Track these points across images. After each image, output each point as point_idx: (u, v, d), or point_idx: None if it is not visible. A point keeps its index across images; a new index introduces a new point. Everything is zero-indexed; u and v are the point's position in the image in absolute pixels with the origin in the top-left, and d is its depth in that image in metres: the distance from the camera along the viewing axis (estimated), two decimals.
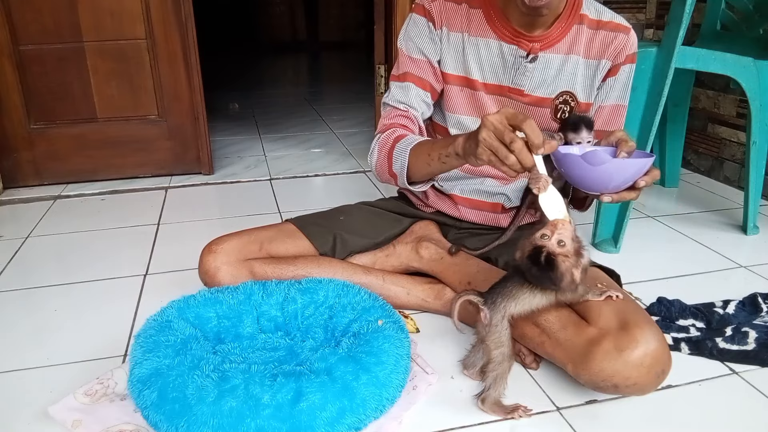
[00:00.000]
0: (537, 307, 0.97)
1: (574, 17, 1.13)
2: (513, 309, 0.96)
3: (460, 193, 1.29)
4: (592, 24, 1.14)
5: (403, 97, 1.19)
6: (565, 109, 1.17)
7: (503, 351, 0.96)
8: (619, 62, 1.16)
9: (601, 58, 1.15)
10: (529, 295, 0.95)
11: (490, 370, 0.97)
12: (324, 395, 0.88)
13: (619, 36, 1.14)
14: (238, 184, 2.24)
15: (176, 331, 1.02)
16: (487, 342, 0.97)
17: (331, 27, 6.53)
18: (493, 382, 0.97)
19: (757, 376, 1.08)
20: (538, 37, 1.13)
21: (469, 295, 0.98)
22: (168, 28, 2.11)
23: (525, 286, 0.95)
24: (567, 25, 1.13)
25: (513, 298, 0.95)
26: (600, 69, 1.16)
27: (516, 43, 1.14)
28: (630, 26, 1.17)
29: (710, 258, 1.56)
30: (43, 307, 1.36)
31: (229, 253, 1.21)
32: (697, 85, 2.16)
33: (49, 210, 1.97)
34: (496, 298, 0.96)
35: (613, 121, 1.20)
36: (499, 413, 0.97)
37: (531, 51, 1.13)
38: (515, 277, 0.97)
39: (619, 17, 1.16)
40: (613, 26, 1.14)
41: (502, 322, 0.96)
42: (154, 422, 0.89)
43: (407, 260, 1.30)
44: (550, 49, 1.14)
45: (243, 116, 3.40)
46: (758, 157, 1.67)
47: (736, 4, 1.84)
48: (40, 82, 2.08)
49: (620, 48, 1.15)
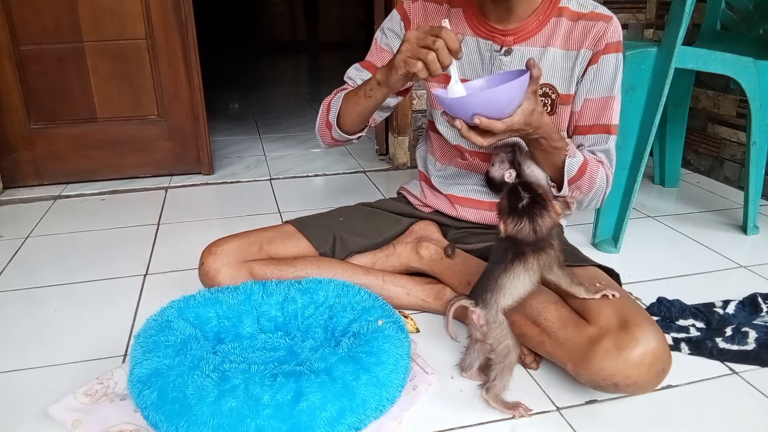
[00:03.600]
0: (525, 292, 0.96)
1: (552, 10, 1.12)
2: (504, 301, 0.95)
3: (457, 192, 1.29)
4: (573, 16, 1.13)
5: (354, 75, 1.26)
6: (546, 102, 1.15)
7: (507, 344, 0.96)
8: (599, 50, 1.11)
9: (581, 48, 1.12)
10: (514, 280, 0.95)
11: (497, 363, 0.97)
12: (324, 395, 0.88)
13: (598, 24, 1.11)
14: (238, 184, 2.24)
15: (176, 331, 1.02)
16: (488, 341, 0.97)
17: (331, 27, 6.52)
18: (499, 374, 0.97)
19: (757, 376, 1.08)
20: (512, 30, 1.13)
21: (460, 301, 0.98)
22: (168, 28, 2.11)
23: (508, 271, 0.95)
24: (545, 18, 1.12)
25: (500, 290, 0.95)
26: (580, 59, 1.13)
27: (491, 38, 1.15)
28: (612, 15, 1.13)
29: (710, 258, 1.56)
30: (43, 307, 1.36)
31: (229, 254, 1.22)
32: (697, 85, 2.16)
33: (49, 210, 1.97)
34: (485, 294, 0.96)
35: (604, 114, 1.15)
36: (501, 407, 0.98)
37: (504, 44, 1.13)
38: (495, 268, 0.96)
39: (602, 7, 1.13)
40: (593, 15, 1.12)
41: (498, 317, 0.96)
42: (154, 422, 0.89)
43: (407, 260, 1.30)
44: (526, 42, 1.13)
45: (243, 116, 3.40)
46: (758, 157, 1.67)
47: (736, 4, 1.84)
48: (40, 82, 2.09)
49: (599, 35, 1.11)
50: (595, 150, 1.17)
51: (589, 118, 1.16)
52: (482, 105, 0.92)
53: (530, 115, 0.96)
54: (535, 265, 0.95)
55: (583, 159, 1.10)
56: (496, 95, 0.92)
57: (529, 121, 0.97)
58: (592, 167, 1.12)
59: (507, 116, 0.95)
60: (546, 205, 0.93)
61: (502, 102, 0.93)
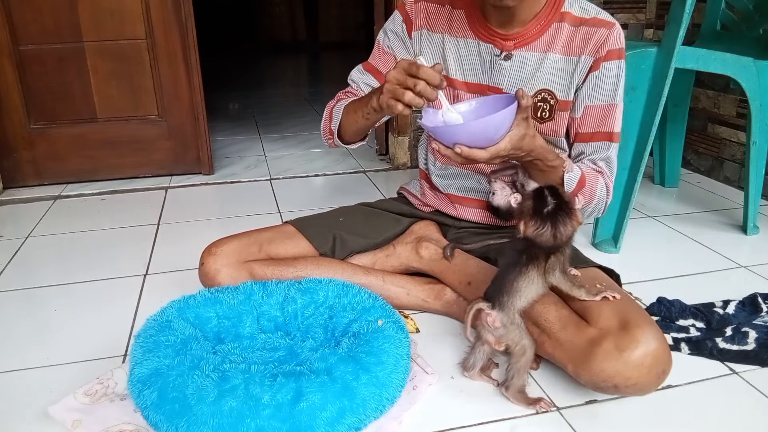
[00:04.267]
0: (538, 295, 0.97)
1: (554, 15, 1.11)
2: (519, 303, 0.96)
3: (457, 192, 1.29)
4: (576, 21, 1.11)
5: (357, 78, 1.28)
6: (544, 107, 1.15)
7: (523, 344, 0.97)
8: (600, 56, 1.10)
9: (581, 54, 1.11)
10: (529, 284, 0.96)
11: (513, 362, 0.98)
12: (324, 395, 0.88)
13: (599, 30, 1.10)
14: (238, 184, 2.24)
15: (176, 331, 1.02)
16: (505, 342, 0.98)
17: (331, 27, 6.52)
18: (516, 372, 0.98)
19: (757, 376, 1.08)
20: (513, 35, 1.12)
21: (479, 304, 0.99)
22: (168, 28, 2.11)
23: (523, 274, 0.95)
24: (546, 23, 1.12)
25: (516, 292, 0.96)
26: (580, 65, 1.11)
27: (491, 42, 1.14)
28: (615, 21, 1.12)
29: (710, 258, 1.56)
30: (43, 307, 1.36)
31: (228, 255, 1.22)
32: (697, 85, 2.16)
33: (49, 210, 1.97)
34: (501, 297, 0.97)
35: (606, 122, 1.14)
36: (522, 402, 0.99)
37: (504, 49, 1.13)
38: (510, 270, 0.97)
39: (604, 13, 1.12)
40: (595, 21, 1.10)
41: (515, 319, 0.97)
42: (154, 422, 0.89)
43: (407, 260, 1.30)
44: (526, 47, 1.13)
45: (243, 116, 3.40)
46: (758, 157, 1.67)
47: (736, 4, 1.84)
48: (40, 82, 2.09)
49: (601, 42, 1.09)
50: (595, 159, 1.15)
51: (591, 126, 1.15)
52: (464, 136, 0.93)
53: (520, 140, 0.96)
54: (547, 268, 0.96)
55: (581, 173, 1.09)
56: (480, 126, 0.92)
57: (520, 146, 0.97)
58: (591, 179, 1.11)
59: (493, 145, 0.95)
60: (571, 213, 0.93)
61: (488, 132, 0.93)
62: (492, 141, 0.94)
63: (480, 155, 0.94)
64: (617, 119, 1.15)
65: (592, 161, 1.16)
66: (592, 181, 1.12)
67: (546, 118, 1.14)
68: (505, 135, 0.95)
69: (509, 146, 0.95)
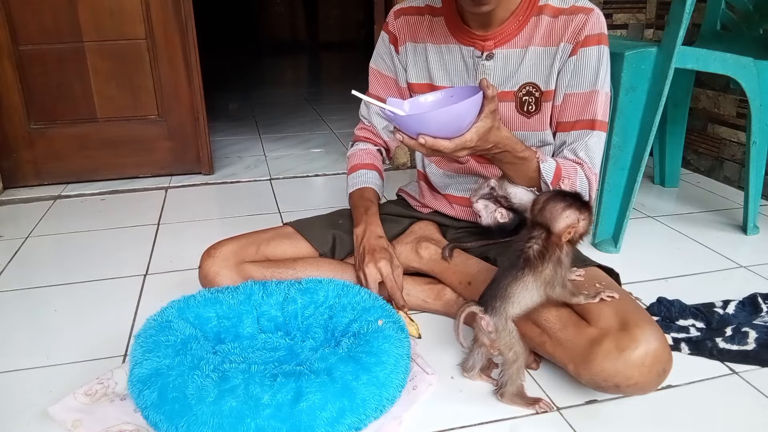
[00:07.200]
0: (534, 304, 0.97)
1: (532, 9, 1.11)
2: (512, 310, 0.96)
3: (454, 192, 1.29)
4: (555, 12, 1.10)
5: (365, 112, 1.35)
6: (530, 101, 1.14)
7: (516, 350, 0.97)
8: (578, 41, 1.08)
9: (560, 42, 1.10)
10: (523, 290, 0.95)
11: (506, 368, 0.98)
12: (324, 395, 0.88)
13: (577, 17, 1.08)
14: (238, 184, 2.24)
15: (176, 331, 1.02)
16: (497, 346, 0.98)
17: (331, 27, 6.53)
18: (509, 379, 0.98)
19: (757, 376, 1.08)
20: (492, 34, 1.13)
21: (470, 307, 0.98)
22: (168, 28, 2.11)
23: (518, 280, 0.95)
24: (524, 19, 1.11)
25: (509, 298, 0.95)
26: (559, 53, 1.10)
27: (472, 45, 1.15)
28: (594, 7, 1.09)
29: (710, 258, 1.56)
30: (43, 307, 1.36)
31: (227, 257, 1.22)
32: (697, 85, 2.16)
33: (49, 210, 1.97)
34: (494, 302, 0.96)
35: (587, 109, 1.11)
36: (521, 404, 0.99)
37: (485, 49, 1.13)
38: (506, 275, 0.97)
39: (583, 1, 1.11)
40: (573, 9, 1.09)
41: (507, 325, 0.96)
42: (154, 422, 0.89)
43: (407, 260, 1.30)
44: (507, 44, 1.13)
45: (243, 116, 3.40)
46: (758, 157, 1.67)
47: (736, 4, 1.84)
48: (40, 82, 2.09)
49: (579, 28, 1.08)
50: (575, 148, 1.13)
51: (572, 114, 1.13)
52: (428, 125, 0.93)
53: (487, 132, 0.96)
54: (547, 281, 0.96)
55: (556, 164, 1.09)
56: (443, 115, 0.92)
57: (486, 138, 0.97)
58: (569, 171, 1.10)
59: (458, 136, 0.95)
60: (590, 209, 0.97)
61: (451, 122, 0.93)
62: (457, 132, 0.94)
63: (444, 145, 0.94)
64: (600, 106, 1.12)
65: (573, 151, 1.13)
66: (570, 172, 1.10)
67: (533, 111, 1.14)
68: (471, 126, 0.95)
69: (475, 137, 0.95)
